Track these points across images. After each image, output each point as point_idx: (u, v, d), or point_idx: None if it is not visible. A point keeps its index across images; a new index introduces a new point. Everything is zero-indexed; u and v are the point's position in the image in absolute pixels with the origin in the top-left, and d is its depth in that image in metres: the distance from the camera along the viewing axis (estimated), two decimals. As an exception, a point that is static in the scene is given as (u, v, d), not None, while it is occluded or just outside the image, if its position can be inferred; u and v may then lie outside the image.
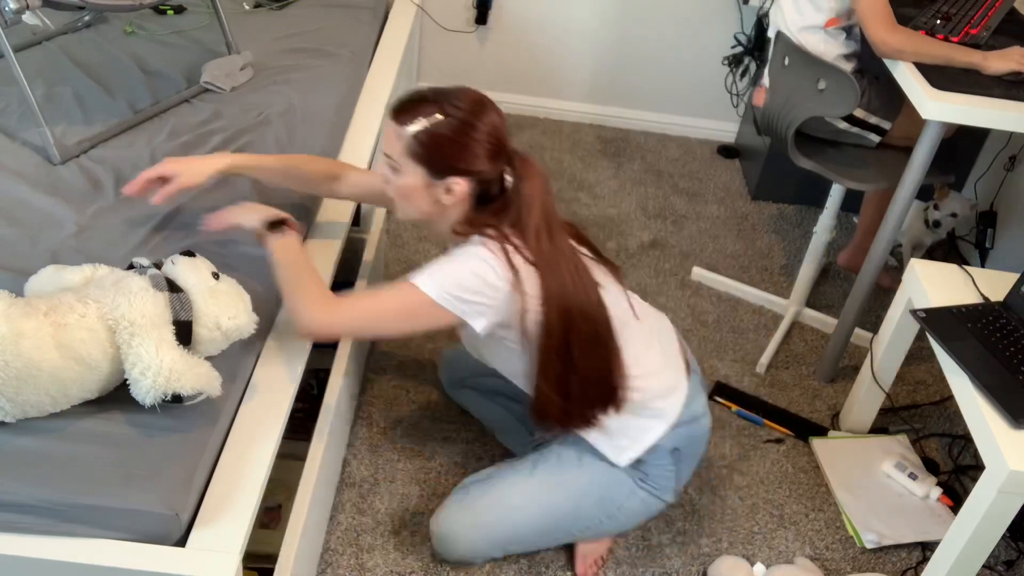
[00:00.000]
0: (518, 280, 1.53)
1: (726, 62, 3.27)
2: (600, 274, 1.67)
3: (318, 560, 1.80)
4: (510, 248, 1.53)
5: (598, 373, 1.64)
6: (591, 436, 1.75)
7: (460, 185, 1.53)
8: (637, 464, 1.77)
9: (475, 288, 1.52)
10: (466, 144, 1.51)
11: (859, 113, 2.29)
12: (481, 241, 1.55)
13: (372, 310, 1.55)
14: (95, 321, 1.35)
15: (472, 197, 1.57)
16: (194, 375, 1.36)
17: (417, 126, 1.50)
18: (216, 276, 1.49)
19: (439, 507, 1.80)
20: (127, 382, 1.37)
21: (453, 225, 1.61)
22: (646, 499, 1.80)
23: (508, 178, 1.58)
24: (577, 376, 1.63)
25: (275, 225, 1.64)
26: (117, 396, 1.41)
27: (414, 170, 1.53)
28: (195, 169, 1.70)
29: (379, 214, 2.64)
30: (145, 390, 1.34)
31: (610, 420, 1.71)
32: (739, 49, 3.25)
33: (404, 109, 1.53)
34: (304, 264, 1.59)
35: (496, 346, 1.68)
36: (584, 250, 1.68)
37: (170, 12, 2.75)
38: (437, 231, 1.67)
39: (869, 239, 2.27)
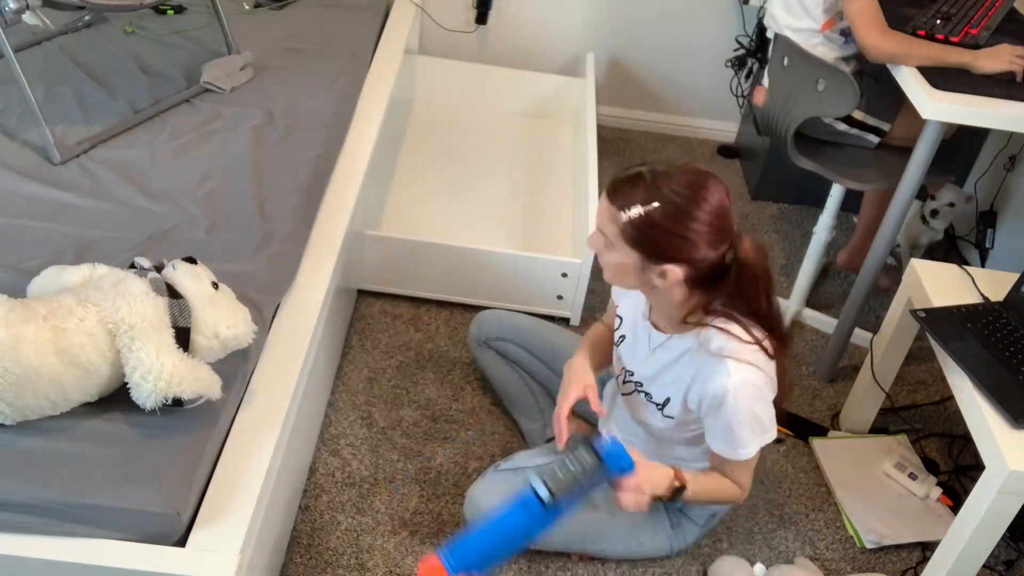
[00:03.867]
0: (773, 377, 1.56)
1: (729, 64, 3.26)
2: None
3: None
4: (763, 342, 1.52)
5: None
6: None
7: (675, 272, 1.47)
8: (681, 506, 1.80)
9: (767, 416, 1.56)
10: (684, 234, 1.43)
11: (858, 115, 2.29)
12: (723, 343, 1.51)
13: (748, 476, 1.67)
14: (95, 325, 1.35)
15: (689, 281, 1.49)
16: (194, 379, 1.36)
17: (632, 212, 1.44)
18: (215, 286, 1.48)
19: (481, 480, 1.78)
20: (127, 385, 1.37)
21: (682, 315, 1.56)
22: (662, 544, 1.83)
23: (728, 256, 1.48)
24: None
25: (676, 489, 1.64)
26: (117, 396, 1.41)
27: (628, 252, 1.48)
28: (588, 379, 1.74)
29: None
30: (146, 394, 1.34)
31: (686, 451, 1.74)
32: (741, 52, 3.24)
33: (620, 191, 1.46)
34: (709, 487, 1.66)
35: (680, 433, 1.68)
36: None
37: (170, 12, 2.75)
38: (657, 307, 1.63)
39: (869, 239, 2.26)
